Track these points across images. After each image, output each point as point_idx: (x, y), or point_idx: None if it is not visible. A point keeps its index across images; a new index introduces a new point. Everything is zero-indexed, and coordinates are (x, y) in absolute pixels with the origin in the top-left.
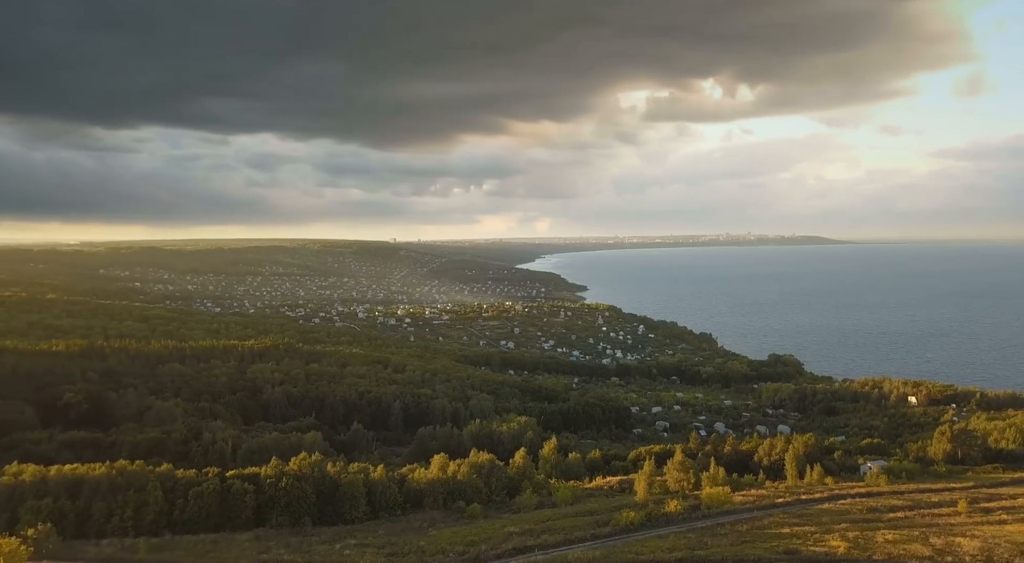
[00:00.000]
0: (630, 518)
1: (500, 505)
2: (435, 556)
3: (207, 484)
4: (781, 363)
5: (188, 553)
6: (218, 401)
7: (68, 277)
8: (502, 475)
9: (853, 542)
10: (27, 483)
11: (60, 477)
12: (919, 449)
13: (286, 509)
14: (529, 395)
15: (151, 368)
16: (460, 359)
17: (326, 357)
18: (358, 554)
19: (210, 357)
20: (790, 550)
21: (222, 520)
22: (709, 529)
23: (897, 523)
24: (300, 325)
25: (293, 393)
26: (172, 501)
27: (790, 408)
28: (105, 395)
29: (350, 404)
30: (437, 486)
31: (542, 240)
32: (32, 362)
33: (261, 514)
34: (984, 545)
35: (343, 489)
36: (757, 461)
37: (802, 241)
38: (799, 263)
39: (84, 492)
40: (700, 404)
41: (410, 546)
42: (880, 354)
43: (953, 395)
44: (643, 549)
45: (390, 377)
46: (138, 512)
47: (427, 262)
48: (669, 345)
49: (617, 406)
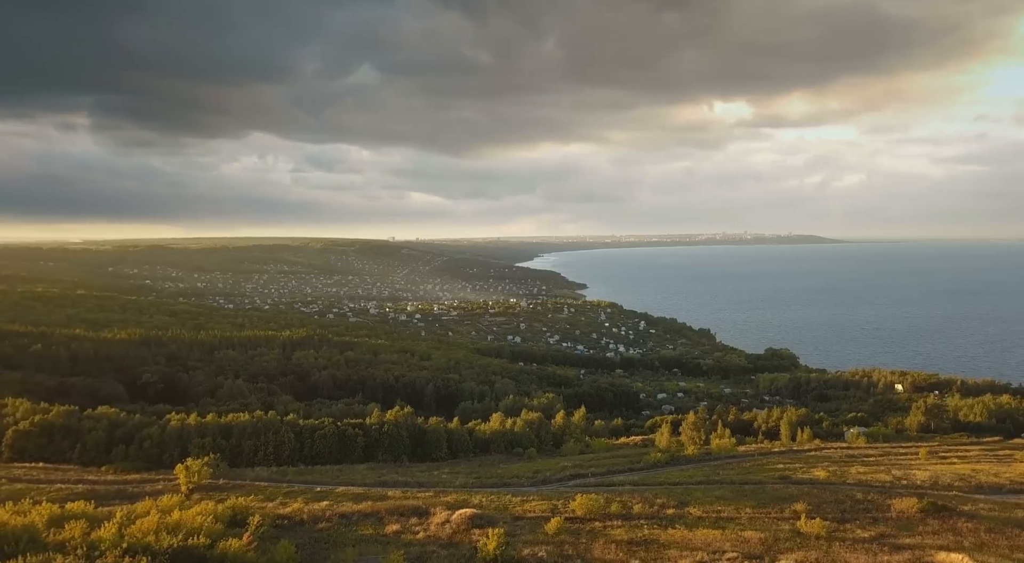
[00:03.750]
0: (657, 457)
1: (550, 452)
2: (512, 479)
3: (327, 428)
4: (777, 356)
5: (323, 476)
6: (273, 382)
7: (80, 274)
8: (549, 430)
9: (832, 473)
10: (191, 426)
11: (214, 423)
12: (897, 422)
13: (388, 449)
14: (545, 381)
15: (208, 354)
16: (474, 351)
17: (358, 347)
18: (452, 477)
19: (257, 345)
20: (783, 476)
21: (340, 456)
22: (720, 465)
23: (868, 463)
24: (318, 320)
25: (337, 376)
26: (301, 441)
27: (785, 395)
28: (177, 376)
29: (387, 386)
30: (499, 436)
31: (540, 239)
32: (108, 348)
33: (369, 452)
34: (932, 474)
35: (429, 435)
36: (756, 427)
37: (798, 240)
38: (796, 262)
39: (234, 434)
40: (702, 392)
41: (489, 473)
42: (873, 348)
43: (936, 383)
44: (669, 476)
45: (419, 364)
46: (277, 449)
47: (429, 260)
48: (669, 340)
49: (627, 390)
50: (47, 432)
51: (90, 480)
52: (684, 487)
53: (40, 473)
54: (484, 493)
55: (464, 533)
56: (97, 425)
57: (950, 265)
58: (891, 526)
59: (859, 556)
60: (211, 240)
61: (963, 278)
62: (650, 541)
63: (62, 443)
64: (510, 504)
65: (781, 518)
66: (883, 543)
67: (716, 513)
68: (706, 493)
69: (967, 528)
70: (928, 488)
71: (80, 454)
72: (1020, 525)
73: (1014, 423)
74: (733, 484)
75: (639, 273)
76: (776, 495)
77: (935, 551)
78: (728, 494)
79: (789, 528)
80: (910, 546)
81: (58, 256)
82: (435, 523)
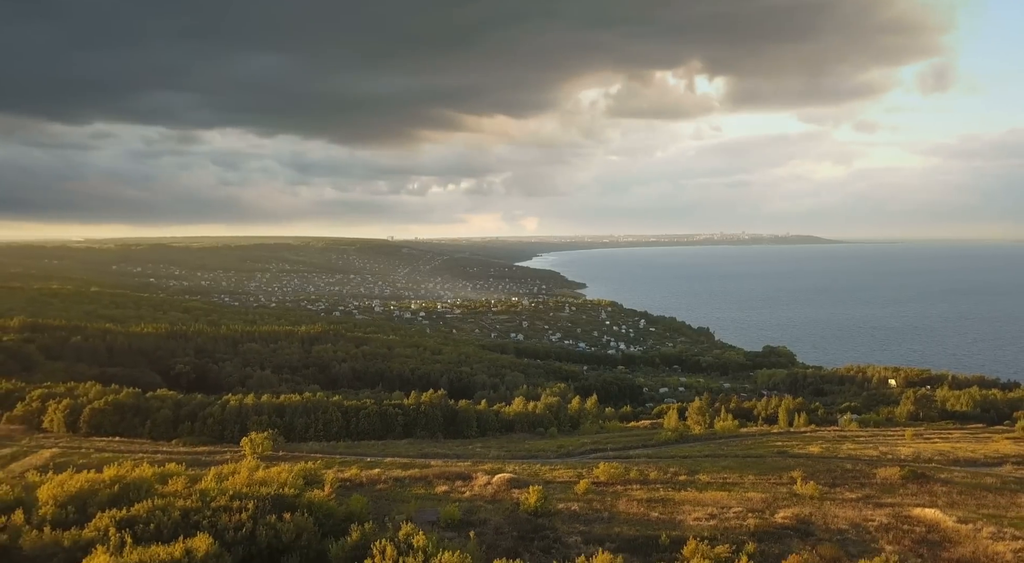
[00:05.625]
0: (667, 436)
1: (568, 432)
2: (538, 452)
3: (369, 408)
4: (775, 354)
5: (370, 449)
6: (296, 374)
7: (86, 272)
8: (566, 413)
9: (825, 449)
10: (249, 405)
11: (268, 402)
12: (888, 412)
13: (425, 426)
14: (552, 375)
15: (232, 347)
16: (481, 347)
17: (372, 341)
18: (485, 450)
19: (277, 339)
20: (782, 451)
21: (383, 433)
22: (724, 442)
23: (858, 441)
24: (325, 317)
25: (356, 368)
26: (347, 419)
27: (783, 390)
28: (207, 367)
29: (404, 378)
30: (522, 417)
31: (538, 238)
32: (140, 341)
33: (408, 430)
34: (915, 450)
35: (460, 414)
36: (756, 414)
37: (795, 240)
38: (793, 261)
39: (287, 413)
40: (702, 387)
41: (517, 447)
42: (869, 346)
43: (928, 378)
44: (679, 451)
45: (431, 358)
46: (326, 426)
47: (428, 260)
48: (669, 338)
49: (631, 384)
50: (119, 410)
51: (165, 451)
52: (693, 459)
53: (119, 445)
54: (516, 463)
55: (505, 492)
56: (163, 404)
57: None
58: (875, 489)
59: (847, 511)
60: (213, 239)
61: (966, 278)
62: (666, 500)
63: (133, 420)
64: (540, 471)
65: (780, 483)
66: (868, 502)
67: (723, 479)
68: (713, 464)
69: (942, 491)
70: (910, 461)
71: (150, 430)
72: (988, 489)
73: (998, 412)
74: (737, 457)
75: (638, 273)
76: (775, 465)
77: (912, 508)
78: (733, 465)
79: (787, 490)
80: (891, 504)
81: (62, 254)
82: (478, 485)
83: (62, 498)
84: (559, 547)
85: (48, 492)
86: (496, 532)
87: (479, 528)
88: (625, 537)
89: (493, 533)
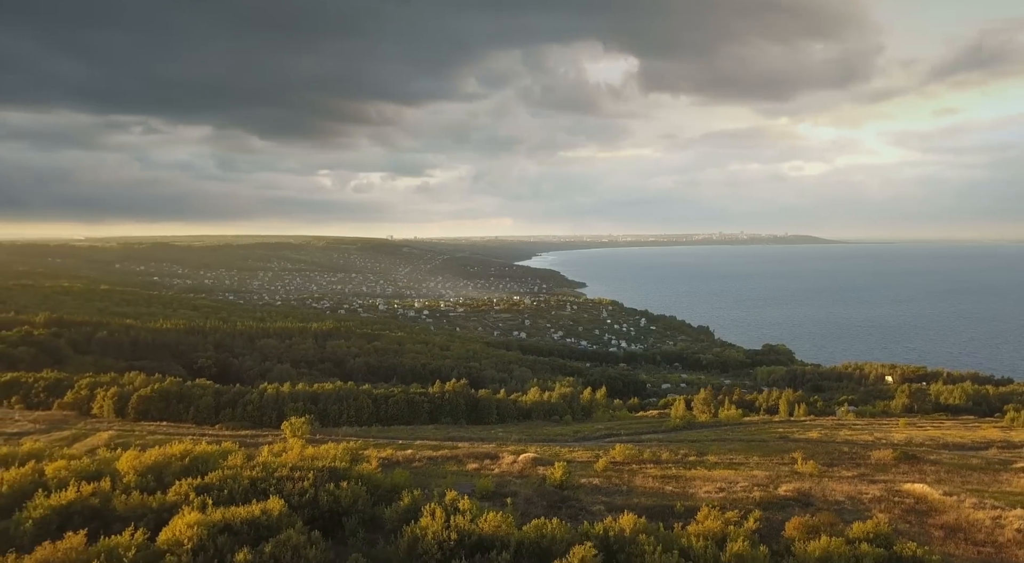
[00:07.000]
0: (675, 423)
1: (582, 419)
2: (556, 436)
3: (397, 395)
4: (774, 352)
5: (400, 433)
6: (313, 368)
7: (91, 271)
8: (579, 402)
9: (823, 434)
10: (285, 393)
11: (303, 391)
12: (884, 405)
13: (449, 413)
14: (557, 371)
15: (250, 342)
16: (486, 344)
17: (382, 338)
18: (506, 434)
19: (291, 335)
20: (784, 436)
21: (410, 418)
22: (729, 429)
23: (854, 429)
24: (331, 315)
25: (370, 363)
26: (377, 406)
27: (782, 386)
28: (228, 361)
29: (416, 373)
30: (538, 405)
31: (537, 238)
32: (162, 336)
33: (433, 416)
34: (908, 436)
35: (481, 402)
36: (758, 405)
37: (794, 240)
38: (792, 261)
39: (321, 400)
40: (703, 383)
41: (536, 432)
42: (867, 344)
43: (924, 375)
44: (688, 436)
45: (440, 354)
46: (358, 412)
47: (429, 259)
48: (669, 336)
49: (635, 379)
50: (164, 397)
51: (211, 434)
52: (702, 443)
53: (167, 429)
54: (537, 445)
55: (531, 469)
56: (205, 392)
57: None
58: (870, 468)
59: (843, 486)
60: (214, 238)
61: (965, 278)
62: (678, 476)
63: (177, 407)
64: (560, 452)
65: (782, 463)
66: (863, 479)
67: (729, 460)
68: (720, 447)
69: (931, 470)
70: (903, 445)
71: (194, 415)
72: (973, 468)
73: (989, 406)
74: (742, 441)
75: (637, 272)
76: (778, 448)
77: (903, 483)
78: (739, 447)
79: (788, 469)
80: (884, 480)
81: (65, 253)
82: (505, 463)
83: (141, 468)
84: (585, 514)
85: (127, 464)
86: (527, 502)
87: (512, 499)
88: (643, 506)
89: (524, 503)
